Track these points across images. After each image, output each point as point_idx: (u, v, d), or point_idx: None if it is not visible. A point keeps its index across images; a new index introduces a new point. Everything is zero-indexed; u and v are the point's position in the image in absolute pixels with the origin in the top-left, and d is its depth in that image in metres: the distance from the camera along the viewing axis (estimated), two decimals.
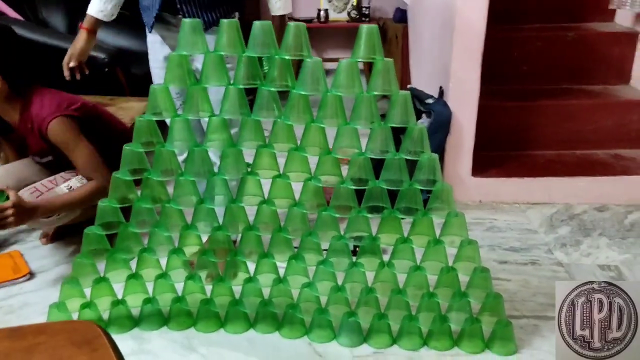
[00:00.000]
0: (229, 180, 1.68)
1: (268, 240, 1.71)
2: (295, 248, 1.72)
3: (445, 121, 2.50)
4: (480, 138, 2.53)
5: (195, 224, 1.71)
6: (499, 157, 2.73)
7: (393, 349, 1.66)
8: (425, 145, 1.59)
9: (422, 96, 2.64)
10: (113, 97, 2.97)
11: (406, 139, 1.59)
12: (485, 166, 2.61)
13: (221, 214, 1.71)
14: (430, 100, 2.58)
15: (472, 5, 2.36)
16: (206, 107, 1.63)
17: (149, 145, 1.64)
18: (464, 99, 2.49)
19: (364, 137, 1.58)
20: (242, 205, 1.69)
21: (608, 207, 2.53)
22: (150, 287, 1.76)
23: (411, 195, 1.62)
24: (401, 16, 3.96)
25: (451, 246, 1.64)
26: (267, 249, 1.71)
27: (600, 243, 2.25)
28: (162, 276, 1.73)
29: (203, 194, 1.69)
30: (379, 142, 1.59)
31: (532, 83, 2.93)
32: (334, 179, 1.63)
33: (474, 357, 1.63)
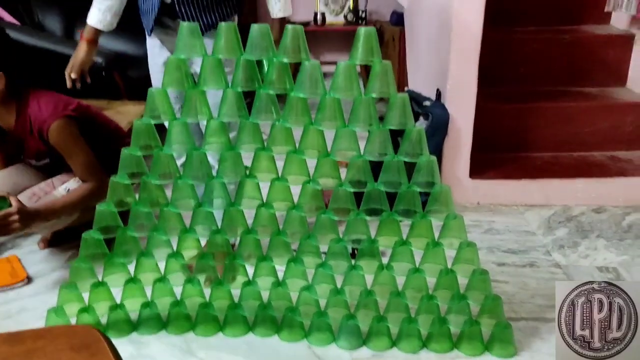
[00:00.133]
0: (228, 183, 1.68)
1: (267, 243, 1.70)
2: (294, 251, 1.72)
3: (443, 123, 2.50)
4: (478, 140, 2.54)
5: (194, 228, 1.71)
6: (497, 159, 2.73)
7: (392, 352, 1.66)
8: (424, 148, 1.59)
9: (419, 99, 2.65)
10: (110, 101, 2.97)
11: (404, 141, 1.59)
12: (483, 168, 2.62)
13: (220, 218, 1.71)
14: (427, 103, 2.59)
15: (468, 7, 2.37)
16: (205, 111, 1.63)
17: (147, 148, 1.64)
18: (461, 101, 2.49)
19: (363, 139, 1.58)
20: (241, 209, 1.69)
21: (605, 209, 2.54)
22: (149, 291, 1.75)
23: (410, 197, 1.62)
24: (398, 19, 3.97)
25: (450, 248, 1.64)
26: (266, 252, 1.71)
27: (598, 245, 2.26)
28: (161, 280, 1.73)
29: (202, 198, 1.69)
30: (377, 145, 1.60)
31: (529, 85, 2.94)
32: (332, 181, 1.63)
33: (474, 359, 1.63)
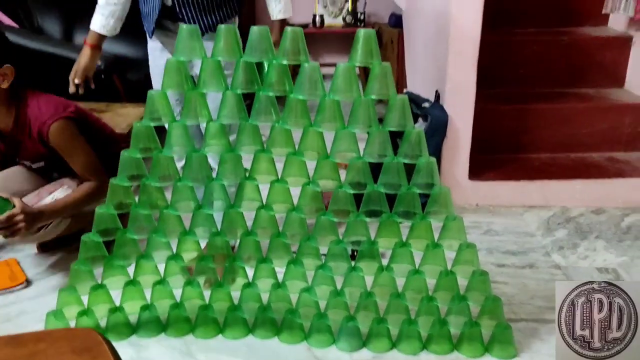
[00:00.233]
0: (227, 185, 1.68)
1: (267, 245, 1.70)
2: (294, 253, 1.71)
3: (441, 125, 2.50)
4: (477, 141, 2.54)
5: (194, 230, 1.70)
6: (496, 160, 2.74)
7: (392, 353, 1.66)
8: (423, 149, 1.59)
9: (418, 100, 2.65)
10: (109, 104, 2.96)
11: (404, 142, 1.59)
12: (482, 169, 2.62)
13: (219, 220, 1.71)
14: (426, 104, 2.59)
15: (467, 9, 2.38)
16: (204, 113, 1.63)
17: (147, 151, 1.63)
18: (460, 102, 2.50)
19: (362, 141, 1.58)
20: (241, 211, 1.69)
21: (604, 210, 2.54)
22: (148, 294, 1.75)
23: (409, 199, 1.62)
24: (396, 21, 3.98)
25: (450, 250, 1.64)
26: (266, 254, 1.71)
27: (597, 246, 2.26)
28: (160, 282, 1.72)
29: (201, 200, 1.69)
30: (377, 146, 1.60)
31: (527, 86, 2.94)
32: (332, 183, 1.63)
33: None
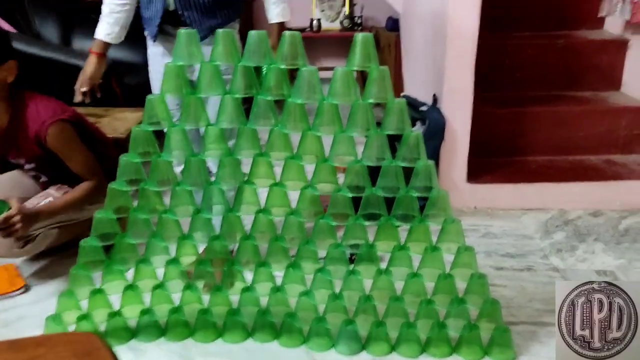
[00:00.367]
0: (226, 189, 1.68)
1: (265, 249, 1.71)
2: (293, 256, 1.72)
3: (439, 128, 2.51)
4: (475, 144, 2.55)
5: (192, 234, 1.71)
6: (493, 163, 2.74)
7: (392, 357, 1.66)
8: (421, 152, 1.60)
9: (416, 103, 2.66)
10: (107, 108, 2.96)
11: (402, 146, 1.60)
12: (479, 172, 2.62)
13: (218, 224, 1.71)
14: (424, 108, 2.60)
15: (464, 12, 2.39)
16: (203, 117, 1.64)
17: (146, 155, 1.64)
18: (458, 106, 2.51)
19: (360, 144, 1.58)
20: (239, 215, 1.69)
21: (602, 213, 2.54)
22: (147, 298, 1.75)
23: (408, 202, 1.63)
24: (393, 25, 3.99)
25: (448, 253, 1.65)
26: (265, 258, 1.71)
27: (596, 248, 2.26)
28: (159, 287, 1.72)
29: (200, 204, 1.69)
30: (375, 150, 1.60)
31: (524, 90, 2.95)
32: (330, 186, 1.64)
33: None
